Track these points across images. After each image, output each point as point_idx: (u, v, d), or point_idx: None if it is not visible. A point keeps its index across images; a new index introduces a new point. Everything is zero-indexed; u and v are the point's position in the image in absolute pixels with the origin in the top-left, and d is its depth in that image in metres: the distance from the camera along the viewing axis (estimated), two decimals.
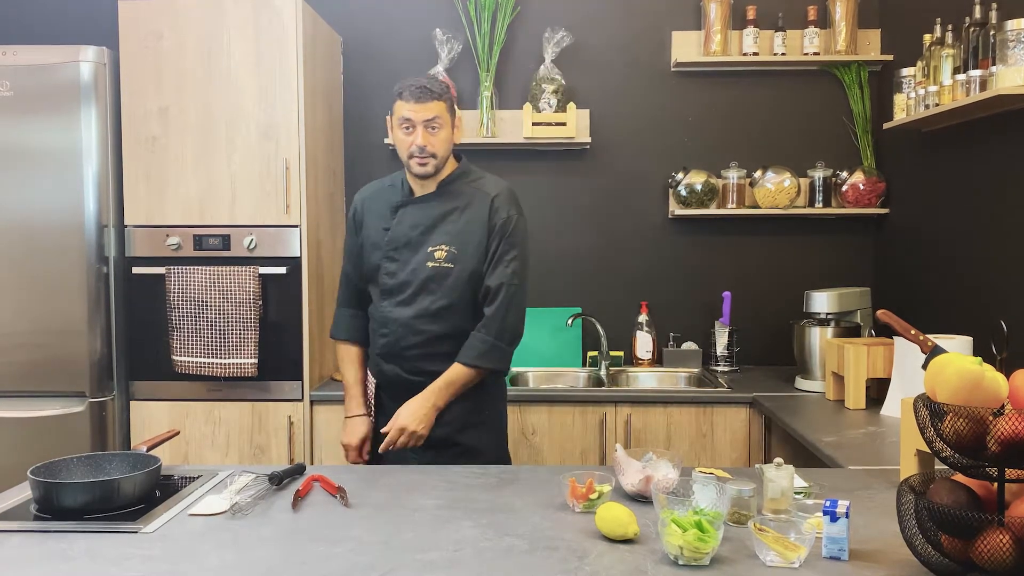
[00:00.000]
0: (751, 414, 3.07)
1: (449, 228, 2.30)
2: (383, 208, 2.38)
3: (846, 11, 3.48)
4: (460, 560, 1.49)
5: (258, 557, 1.51)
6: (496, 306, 2.27)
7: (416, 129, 2.24)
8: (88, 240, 3.04)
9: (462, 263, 2.27)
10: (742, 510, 1.64)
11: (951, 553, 1.33)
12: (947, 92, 2.67)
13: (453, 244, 2.28)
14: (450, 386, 2.27)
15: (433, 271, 2.27)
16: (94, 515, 1.69)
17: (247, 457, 3.10)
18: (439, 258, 2.27)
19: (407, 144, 2.25)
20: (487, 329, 2.27)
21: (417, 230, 2.31)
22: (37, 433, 3.04)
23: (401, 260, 2.31)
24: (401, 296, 2.30)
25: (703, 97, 3.65)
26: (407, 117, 2.23)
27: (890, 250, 3.51)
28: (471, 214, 2.30)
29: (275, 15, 3.04)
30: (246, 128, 3.06)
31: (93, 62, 3.02)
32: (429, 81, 2.26)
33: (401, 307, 2.30)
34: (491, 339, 2.26)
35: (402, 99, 2.24)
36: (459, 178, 2.35)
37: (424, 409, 2.25)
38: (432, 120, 2.23)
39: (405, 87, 2.25)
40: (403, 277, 2.30)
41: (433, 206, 2.32)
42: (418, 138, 2.23)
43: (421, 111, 2.22)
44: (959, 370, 1.34)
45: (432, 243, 2.29)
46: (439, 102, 2.24)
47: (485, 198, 2.31)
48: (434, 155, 2.26)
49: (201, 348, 3.04)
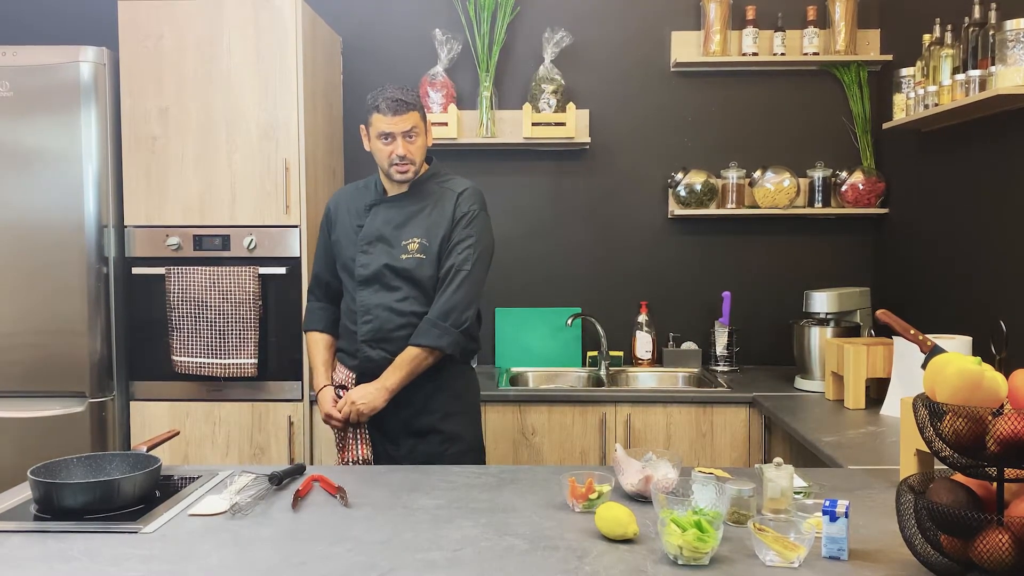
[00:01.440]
0: (751, 414, 3.07)
1: (421, 223, 2.41)
2: (356, 207, 2.49)
3: (846, 11, 3.48)
4: (460, 560, 1.49)
5: (258, 557, 1.51)
6: (443, 288, 2.38)
7: (396, 139, 2.35)
8: (88, 240, 3.04)
9: (432, 252, 2.39)
10: (742, 510, 1.64)
11: (951, 553, 1.33)
12: (946, 92, 2.67)
13: (424, 237, 2.40)
14: (397, 367, 2.36)
15: (407, 263, 2.38)
16: (94, 515, 1.69)
17: (247, 457, 3.10)
18: (412, 250, 2.39)
19: (387, 153, 2.37)
20: (432, 309, 2.37)
21: (390, 226, 2.42)
22: (37, 433, 3.04)
23: (374, 253, 2.41)
24: (378, 284, 2.41)
25: (703, 97, 3.65)
26: (387, 131, 2.34)
27: (890, 250, 3.51)
28: (440, 210, 2.42)
29: (275, 15, 3.04)
30: (246, 128, 3.06)
31: (93, 62, 3.02)
32: (402, 92, 2.36)
33: (382, 292, 2.40)
34: (433, 318, 2.35)
35: (380, 112, 2.34)
36: (430, 179, 2.47)
37: (372, 387, 2.36)
38: (410, 130, 2.35)
39: (381, 100, 2.34)
40: (376, 268, 2.40)
41: (405, 204, 2.44)
42: (398, 148, 2.35)
43: (400, 123, 2.33)
44: (959, 370, 1.34)
45: (405, 237, 2.40)
46: (415, 112, 2.36)
47: (452, 195, 2.44)
48: (413, 162, 2.38)
49: (201, 348, 3.04)
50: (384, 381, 2.36)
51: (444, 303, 2.36)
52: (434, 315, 2.35)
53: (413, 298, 2.39)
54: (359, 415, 2.37)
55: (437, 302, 2.37)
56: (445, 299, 2.36)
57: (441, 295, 2.37)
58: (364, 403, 2.35)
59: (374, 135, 2.37)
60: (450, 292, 2.36)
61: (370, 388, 2.36)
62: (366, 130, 2.41)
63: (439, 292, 2.38)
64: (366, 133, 2.42)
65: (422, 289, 2.39)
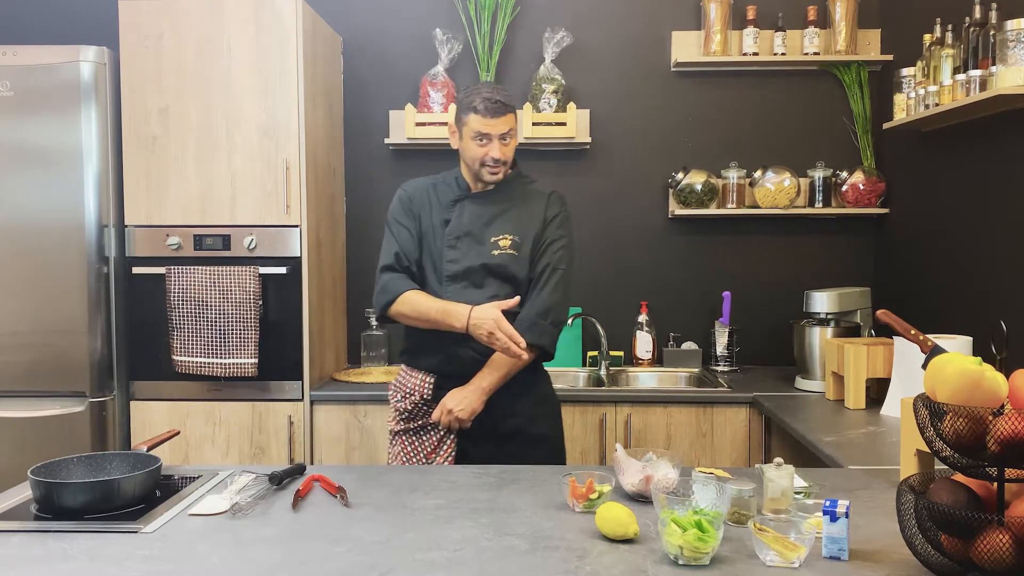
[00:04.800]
0: (751, 414, 3.07)
1: (509, 221, 2.35)
2: (440, 201, 2.39)
3: (846, 11, 3.48)
4: (460, 560, 1.49)
5: (258, 557, 1.51)
6: (540, 286, 2.32)
7: (492, 142, 2.28)
8: (88, 240, 3.04)
9: (525, 250, 2.34)
10: (742, 510, 1.64)
11: (951, 553, 1.33)
12: (947, 92, 2.67)
13: (515, 235, 2.33)
14: (495, 367, 2.28)
15: (499, 258, 2.31)
16: (94, 515, 1.69)
17: (247, 457, 3.10)
18: (504, 246, 2.32)
19: (480, 154, 2.29)
20: (530, 307, 2.30)
21: (479, 222, 2.34)
22: (37, 433, 3.04)
23: (462, 249, 2.33)
24: (468, 281, 2.32)
25: (703, 97, 3.65)
26: (484, 132, 2.27)
27: (890, 250, 3.51)
28: (531, 209, 2.38)
29: (275, 15, 3.04)
30: (246, 128, 3.06)
31: (93, 62, 3.03)
32: (500, 94, 2.29)
33: (471, 291, 2.31)
34: (533, 316, 2.28)
35: (477, 113, 2.27)
36: (515, 179, 2.42)
37: (468, 391, 2.27)
38: (507, 133, 2.29)
39: (479, 100, 2.26)
40: (467, 264, 2.31)
41: (492, 201, 2.37)
42: (494, 151, 2.29)
43: (498, 125, 2.27)
44: (959, 370, 1.34)
45: (494, 234, 2.33)
46: (511, 114, 2.30)
47: (541, 196, 2.40)
48: (506, 163, 2.33)
49: (201, 348, 3.04)
50: (480, 382, 2.27)
51: (543, 301, 2.30)
52: (533, 313, 2.29)
53: (503, 296, 2.28)
54: (459, 423, 2.27)
55: (535, 300, 2.30)
56: (544, 297, 2.31)
57: (539, 294, 2.31)
58: (462, 409, 2.25)
59: (468, 135, 2.29)
60: (548, 290, 2.31)
61: (465, 392, 2.26)
62: (457, 128, 2.34)
63: (535, 290, 2.32)
64: (456, 131, 2.34)
65: (513, 287, 2.31)
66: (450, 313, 2.22)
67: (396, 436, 2.42)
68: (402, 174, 3.68)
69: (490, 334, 2.16)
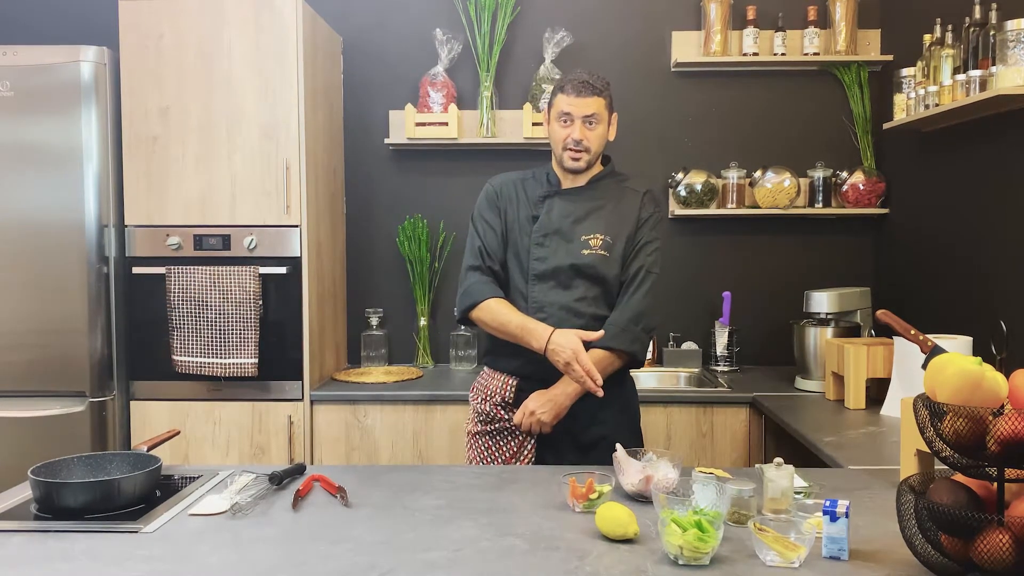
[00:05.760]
0: (751, 414, 3.07)
1: (601, 219, 2.28)
2: (528, 196, 2.33)
3: (846, 11, 3.48)
4: (460, 560, 1.49)
5: (258, 557, 1.51)
6: (633, 290, 2.26)
7: (574, 123, 2.23)
8: (88, 240, 3.04)
9: (616, 251, 2.27)
10: (742, 510, 1.64)
11: (951, 553, 1.33)
12: (947, 92, 2.67)
13: (607, 234, 2.26)
14: None
15: (589, 258, 2.24)
16: (94, 515, 1.69)
17: (247, 457, 3.10)
18: (595, 246, 2.25)
19: (563, 136, 2.24)
20: (621, 312, 2.24)
21: (568, 220, 2.27)
22: (37, 433, 3.04)
23: (550, 247, 2.26)
24: (555, 281, 2.26)
25: (703, 97, 3.65)
26: (566, 111, 2.22)
27: (890, 250, 3.51)
28: (624, 208, 2.30)
29: (275, 15, 3.04)
30: (246, 128, 3.06)
31: (93, 62, 3.03)
32: (591, 76, 2.24)
33: (558, 291, 2.25)
34: (624, 322, 2.22)
35: (563, 92, 2.23)
36: (608, 176, 2.35)
37: (550, 394, 2.21)
38: (591, 116, 2.22)
39: (567, 81, 2.23)
40: (555, 263, 2.25)
41: (583, 199, 2.30)
42: (575, 132, 2.22)
43: (581, 106, 2.21)
44: (959, 370, 1.34)
45: (584, 232, 2.26)
46: (599, 98, 2.23)
47: (635, 194, 2.33)
48: (588, 149, 2.25)
49: (201, 348, 3.04)
50: (565, 387, 2.19)
51: (635, 306, 2.23)
52: (625, 318, 2.22)
53: (591, 299, 2.24)
54: (541, 425, 2.20)
55: (626, 304, 2.24)
56: (636, 302, 2.24)
57: (630, 297, 2.24)
58: (544, 411, 2.19)
59: (554, 116, 2.25)
60: (640, 295, 2.24)
61: (550, 395, 2.20)
62: (547, 113, 2.29)
63: (626, 294, 2.25)
64: (547, 116, 2.29)
65: (603, 288, 2.25)
66: (530, 331, 2.17)
67: (473, 438, 2.36)
68: (402, 174, 3.69)
69: (567, 364, 2.10)
